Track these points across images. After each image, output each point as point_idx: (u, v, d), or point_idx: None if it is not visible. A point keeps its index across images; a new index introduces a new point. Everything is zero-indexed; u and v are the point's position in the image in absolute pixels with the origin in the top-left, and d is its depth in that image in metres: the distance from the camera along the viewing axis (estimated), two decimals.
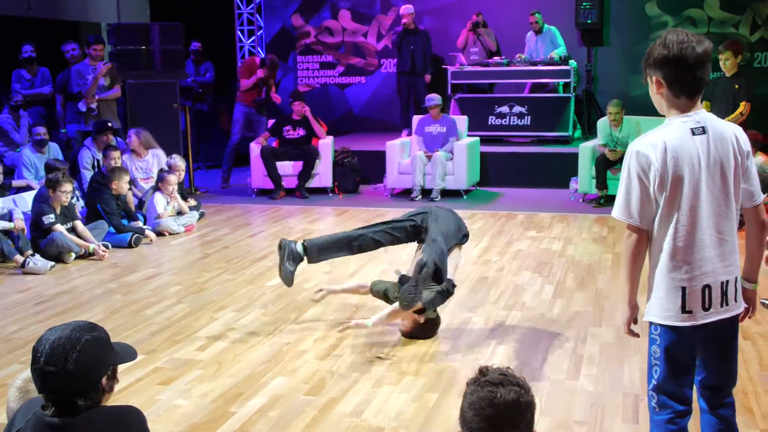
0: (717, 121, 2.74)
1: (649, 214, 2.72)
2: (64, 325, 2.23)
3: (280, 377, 4.40)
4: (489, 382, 2.03)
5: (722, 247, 2.73)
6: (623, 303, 2.91)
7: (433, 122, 10.07)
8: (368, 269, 6.60)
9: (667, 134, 2.69)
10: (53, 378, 2.12)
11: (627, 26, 12.09)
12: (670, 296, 2.74)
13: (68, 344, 2.14)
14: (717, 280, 2.72)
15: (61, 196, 7.17)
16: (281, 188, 10.09)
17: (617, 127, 9.08)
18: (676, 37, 2.66)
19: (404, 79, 11.72)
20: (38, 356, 2.15)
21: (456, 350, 4.76)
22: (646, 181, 2.68)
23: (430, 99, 10.06)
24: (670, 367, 2.78)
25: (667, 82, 2.70)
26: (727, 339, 2.85)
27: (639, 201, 2.70)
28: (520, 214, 8.80)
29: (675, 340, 2.76)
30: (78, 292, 6.20)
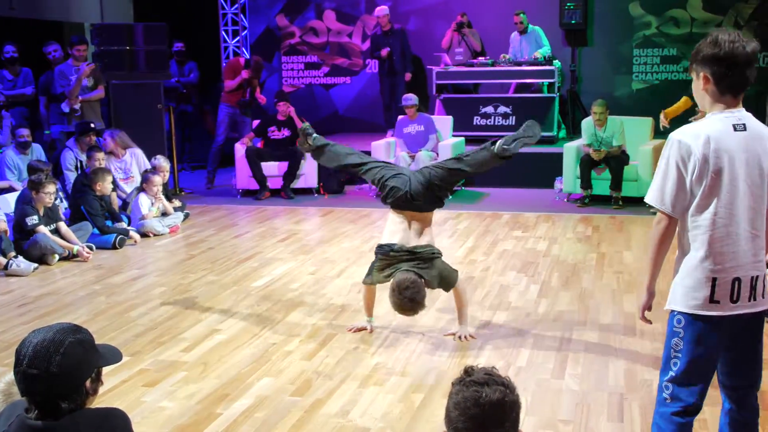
0: (755, 121, 2.82)
1: (682, 203, 2.76)
2: (48, 327, 2.21)
3: (266, 378, 4.39)
4: (474, 381, 2.03)
5: (754, 242, 2.78)
6: (642, 288, 2.95)
7: (410, 122, 10.07)
8: (354, 269, 6.60)
9: (711, 127, 2.75)
10: (36, 381, 2.11)
11: (610, 27, 12.15)
12: (700, 285, 2.77)
13: (51, 346, 2.13)
14: (747, 275, 2.77)
15: (44, 197, 7.12)
16: (266, 189, 10.07)
17: (601, 127, 9.12)
18: (728, 37, 2.72)
19: (386, 80, 11.73)
20: (21, 359, 2.14)
21: (442, 350, 4.77)
22: (684, 170, 2.73)
23: (406, 99, 10.06)
24: (692, 361, 2.79)
25: (715, 78, 2.76)
26: (753, 336, 2.88)
27: (674, 189, 2.75)
28: (505, 213, 8.83)
29: (700, 332, 2.78)
30: (62, 294, 6.16)
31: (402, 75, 11.61)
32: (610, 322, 5.20)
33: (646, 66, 12.13)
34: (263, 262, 6.97)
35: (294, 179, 10.16)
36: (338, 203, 9.79)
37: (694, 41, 2.96)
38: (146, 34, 10.08)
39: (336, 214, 9.12)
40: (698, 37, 11.37)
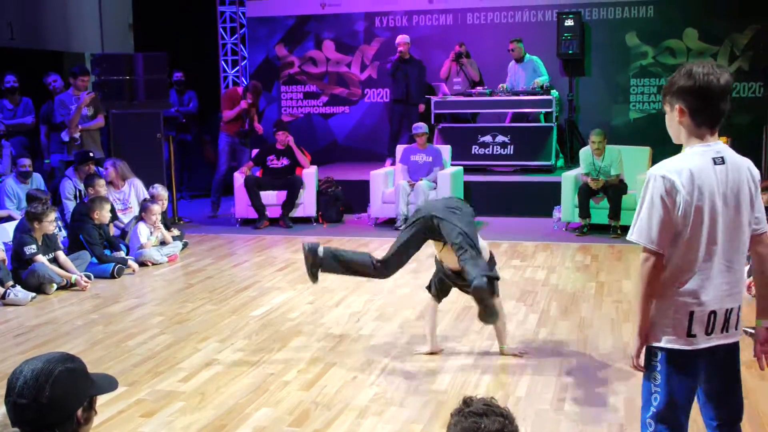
0: (733, 153, 2.80)
1: (666, 238, 2.75)
2: (39, 356, 2.21)
3: (264, 408, 4.36)
4: (473, 412, 2.02)
5: (731, 275, 2.77)
6: (634, 333, 2.89)
7: (419, 151, 10.11)
8: (352, 298, 6.59)
9: (692, 162, 2.73)
10: (26, 410, 2.11)
11: (608, 56, 12.24)
12: (677, 321, 2.76)
13: (41, 376, 2.13)
14: (722, 307, 2.76)
15: (47, 225, 7.13)
16: (265, 218, 10.07)
17: (599, 156, 9.15)
18: (702, 69, 2.71)
19: (398, 108, 11.75)
20: (11, 389, 2.14)
21: (441, 380, 4.75)
22: (670, 205, 2.71)
23: (417, 127, 10.11)
24: (671, 395, 2.78)
25: (691, 111, 2.75)
26: (730, 368, 2.86)
27: (660, 225, 2.73)
28: (503, 243, 8.83)
29: (677, 367, 2.77)
30: (59, 323, 6.14)
31: (416, 105, 11.62)
32: (610, 351, 5.18)
33: (643, 95, 12.20)
34: (262, 292, 6.96)
35: (293, 208, 10.17)
36: (337, 232, 9.79)
37: None
38: (146, 63, 10.14)
39: (335, 243, 9.10)
40: None
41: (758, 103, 11.41)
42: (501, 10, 12.61)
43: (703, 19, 11.84)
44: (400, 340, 5.49)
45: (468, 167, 10.81)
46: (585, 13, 12.15)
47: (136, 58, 10.22)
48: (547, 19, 12.37)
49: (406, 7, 13.03)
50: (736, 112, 10.04)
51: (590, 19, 12.24)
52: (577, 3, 12.21)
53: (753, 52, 11.60)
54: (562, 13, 11.97)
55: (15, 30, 12.03)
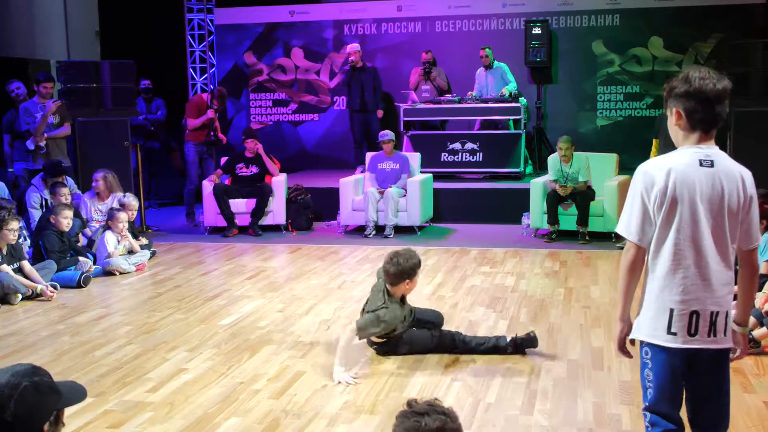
0: (726, 159, 2.85)
1: (648, 233, 2.81)
2: (4, 370, 2.14)
3: (233, 418, 4.33)
4: (415, 412, 2.09)
5: (715, 277, 2.80)
6: (614, 320, 3.00)
7: (386, 159, 10.12)
8: (322, 306, 6.58)
9: (676, 160, 2.81)
10: None
11: (575, 64, 12.37)
12: (659, 316, 2.82)
13: (5, 392, 2.06)
14: (706, 309, 2.80)
15: (7, 234, 7.02)
16: (234, 226, 10.01)
17: (567, 163, 9.23)
18: (699, 73, 2.79)
19: (357, 116, 11.80)
20: None
21: (411, 387, 4.74)
22: (647, 200, 2.79)
23: (384, 135, 10.13)
24: (660, 389, 2.84)
25: (686, 114, 2.82)
26: (718, 374, 2.89)
27: (640, 219, 2.81)
28: (473, 249, 8.86)
29: (663, 362, 2.83)
30: (24, 334, 6.05)
31: (374, 112, 11.69)
32: (578, 357, 5.21)
33: (610, 103, 12.35)
34: (231, 300, 6.91)
35: (262, 216, 10.12)
36: (306, 240, 9.76)
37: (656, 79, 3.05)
38: (113, 71, 10.06)
39: (304, 251, 9.09)
40: (660, 74, 11.72)
41: None
42: (469, 18, 12.70)
43: (667, 27, 12.02)
44: (370, 349, 5.47)
45: (437, 174, 10.85)
46: (552, 21, 12.28)
47: (103, 66, 10.14)
48: (515, 27, 12.48)
49: (374, 14, 13.08)
50: None
51: (557, 27, 12.36)
52: (545, 11, 12.34)
53: (717, 60, 11.78)
54: (530, 21, 12.09)
55: None
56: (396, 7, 12.99)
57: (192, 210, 10.95)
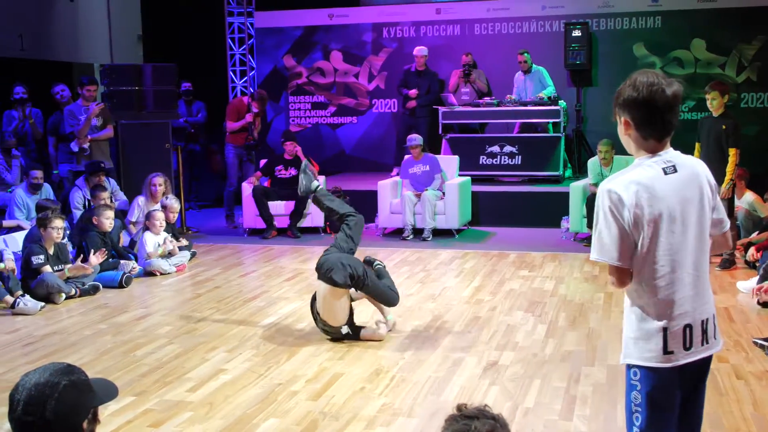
0: (685, 158, 2.73)
1: (628, 252, 2.65)
2: (41, 369, 2.16)
3: (272, 419, 4.36)
4: (465, 416, 2.06)
5: (699, 284, 2.70)
6: None
7: (415, 163, 10.11)
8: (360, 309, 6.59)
9: (640, 175, 2.65)
10: (32, 427, 2.06)
11: (615, 67, 12.23)
12: (651, 337, 2.67)
13: (46, 390, 2.08)
14: (697, 319, 2.69)
15: (52, 232, 7.15)
16: (273, 228, 10.08)
17: (607, 166, 9.15)
18: (646, 79, 2.63)
19: (406, 119, 11.81)
20: (15, 405, 2.09)
21: (449, 390, 4.74)
22: (621, 218, 2.62)
23: (411, 140, 10.11)
24: (652, 413, 2.69)
25: (636, 123, 2.68)
26: (702, 378, 2.80)
27: (615, 239, 2.64)
28: (511, 253, 8.82)
29: (657, 384, 2.68)
30: (67, 333, 6.15)
31: (423, 118, 11.66)
32: (618, 363, 5.15)
33: None
34: (270, 302, 6.96)
35: (300, 218, 10.18)
36: None
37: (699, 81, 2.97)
38: (155, 74, 10.19)
39: None
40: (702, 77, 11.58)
41: (767, 114, 11.41)
42: (509, 21, 12.64)
43: (710, 29, 11.84)
44: (408, 351, 5.48)
45: (476, 177, 10.81)
46: (592, 24, 12.17)
47: (145, 69, 10.26)
48: (554, 29, 12.39)
49: (413, 18, 13.08)
50: (746, 122, 10.02)
51: (597, 29, 12.26)
52: (585, 14, 12.23)
53: (761, 62, 11.59)
54: (570, 24, 11.99)
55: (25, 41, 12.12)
56: (435, 10, 12.98)
57: (231, 212, 11.04)
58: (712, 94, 7.89)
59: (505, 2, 12.66)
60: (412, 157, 10.11)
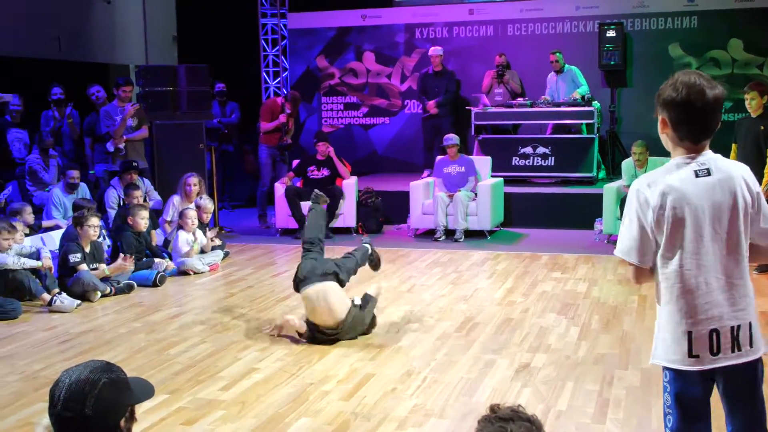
0: (723, 162, 2.69)
1: (648, 252, 2.66)
2: (81, 366, 2.18)
3: (303, 418, 4.38)
4: (499, 417, 2.02)
5: (731, 291, 2.64)
6: None
7: (451, 163, 10.09)
8: (391, 309, 6.60)
9: (669, 176, 2.64)
10: (71, 423, 2.08)
11: (650, 67, 12.11)
12: (676, 340, 2.66)
13: (85, 387, 2.10)
14: (726, 325, 2.64)
15: (89, 231, 7.24)
16: None
17: (642, 168, 9.06)
18: (688, 80, 2.60)
19: (429, 120, 11.80)
20: (55, 401, 2.11)
21: (481, 392, 4.72)
22: (644, 219, 2.63)
23: (448, 139, 10.10)
24: (682, 415, 2.69)
25: (672, 123, 2.65)
26: (749, 388, 2.74)
27: (637, 239, 2.66)
28: (544, 255, 8.76)
29: (684, 386, 2.67)
30: (103, 331, 6.22)
31: (446, 117, 11.65)
32: (652, 366, 5.07)
33: None
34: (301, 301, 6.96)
35: (333, 219, 10.19)
36: (376, 243, 9.72)
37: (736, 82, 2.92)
38: (189, 75, 10.28)
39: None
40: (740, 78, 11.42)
41: None
42: (542, 21, 12.57)
43: (748, 29, 11.68)
44: (440, 352, 5.47)
45: (508, 178, 10.77)
46: (627, 24, 12.07)
47: (180, 70, 10.36)
48: (588, 30, 12.31)
49: (446, 18, 13.06)
50: None
51: (632, 29, 12.15)
52: (620, 14, 12.13)
53: None
54: (604, 24, 11.90)
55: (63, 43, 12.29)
56: (468, 10, 12.95)
57: (264, 212, 11.11)
58: (751, 94, 7.79)
59: (539, 3, 12.60)
60: (448, 156, 10.09)
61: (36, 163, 9.50)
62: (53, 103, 10.29)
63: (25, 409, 4.57)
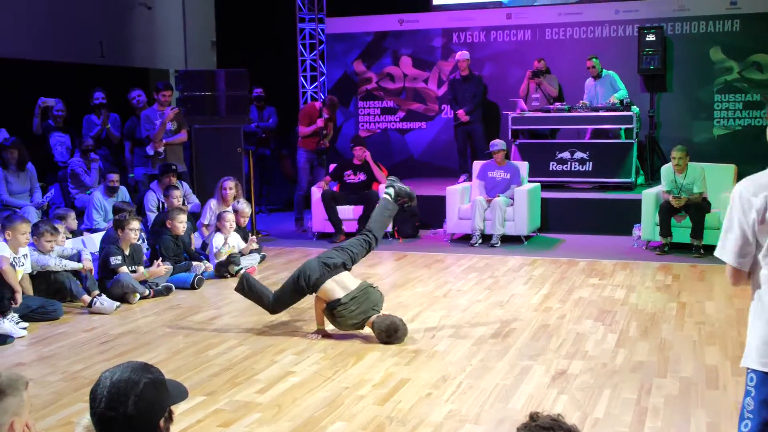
0: None
1: (746, 254, 2.67)
2: (122, 366, 2.21)
3: (339, 422, 4.39)
4: (539, 426, 2.00)
5: None
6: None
7: (497, 168, 10.06)
8: (427, 314, 6.59)
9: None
10: (113, 423, 2.11)
11: (690, 72, 11.97)
12: None
13: (127, 387, 2.13)
14: None
15: (129, 234, 7.34)
16: (342, 232, 10.15)
17: (681, 173, 8.95)
18: None
19: (460, 128, 11.79)
20: (97, 401, 2.14)
21: (517, 398, 4.70)
22: (745, 222, 2.64)
23: (494, 145, 10.07)
24: (763, 423, 2.63)
25: None
26: None
27: (735, 241, 2.67)
28: (581, 260, 8.70)
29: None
30: (141, 332, 6.30)
31: (477, 122, 11.63)
32: (691, 375, 5.04)
33: (728, 112, 11.89)
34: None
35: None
36: (412, 248, 9.80)
37: None
38: (228, 79, 10.37)
39: (410, 258, 9.13)
40: None
41: None
42: (581, 26, 12.48)
43: None
44: (475, 357, 5.45)
45: (545, 184, 10.70)
46: (667, 28, 11.93)
47: (218, 75, 10.45)
48: (627, 34, 12.18)
49: (483, 23, 13.02)
50: None
51: (672, 33, 12.00)
52: (659, 17, 11.99)
53: None
54: (644, 28, 11.77)
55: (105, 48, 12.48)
56: (505, 15, 12.90)
57: (301, 216, 11.17)
58: None
59: (578, 7, 12.51)
60: (495, 161, 10.06)
61: (78, 166, 9.66)
62: (95, 108, 10.44)
63: (66, 409, 4.65)
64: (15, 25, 11.06)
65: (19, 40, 11.11)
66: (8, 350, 5.91)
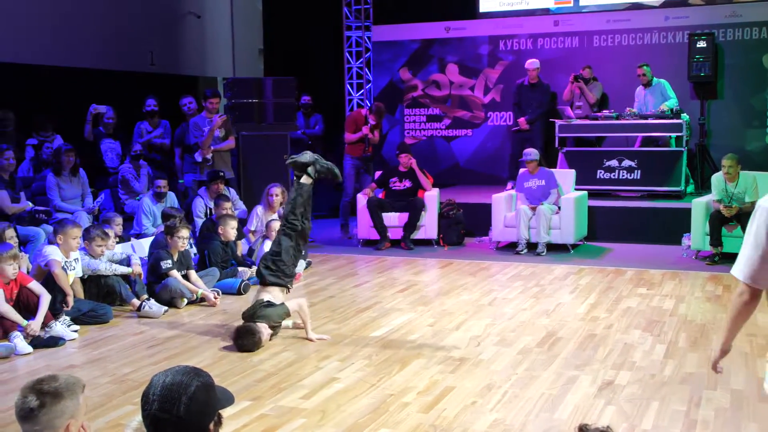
0: None
1: (759, 272, 2.59)
2: (173, 369, 2.25)
3: (383, 429, 4.39)
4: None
5: None
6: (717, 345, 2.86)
7: (531, 177, 9.98)
8: (472, 322, 6.56)
9: None
10: (165, 424, 2.15)
11: (742, 79, 11.76)
12: None
13: (180, 390, 2.17)
14: None
15: (178, 241, 7.44)
16: (387, 239, 10.16)
17: (732, 182, 8.79)
18: None
19: (518, 134, 11.72)
20: (150, 402, 2.17)
21: (563, 408, 4.65)
22: (763, 240, 2.56)
23: (527, 154, 10.00)
24: None
25: None
26: None
27: (757, 260, 2.58)
28: (629, 270, 8.58)
29: None
30: (189, 337, 6.38)
31: (537, 132, 11.56)
32: (743, 387, 4.94)
33: None
34: (382, 312, 7.01)
35: (414, 230, 10.22)
36: (458, 255, 9.77)
37: None
38: (275, 87, 10.47)
39: (455, 266, 9.10)
40: None
41: None
42: (629, 32, 12.35)
43: None
44: (521, 366, 5.41)
45: (592, 192, 10.60)
46: (718, 35, 11.74)
47: (266, 82, 10.56)
48: (677, 40, 12.03)
49: (530, 30, 12.96)
50: None
51: (724, 40, 11.81)
52: (710, 24, 11.82)
53: None
54: (695, 35, 11.60)
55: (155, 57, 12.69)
56: (553, 22, 12.83)
57: (346, 222, 11.21)
58: None
59: (626, 14, 12.38)
60: (528, 171, 10.00)
61: (128, 172, 9.82)
62: (147, 115, 10.62)
63: (114, 411, 4.72)
64: (70, 35, 11.32)
65: (73, 49, 11.36)
66: (60, 353, 6.03)
